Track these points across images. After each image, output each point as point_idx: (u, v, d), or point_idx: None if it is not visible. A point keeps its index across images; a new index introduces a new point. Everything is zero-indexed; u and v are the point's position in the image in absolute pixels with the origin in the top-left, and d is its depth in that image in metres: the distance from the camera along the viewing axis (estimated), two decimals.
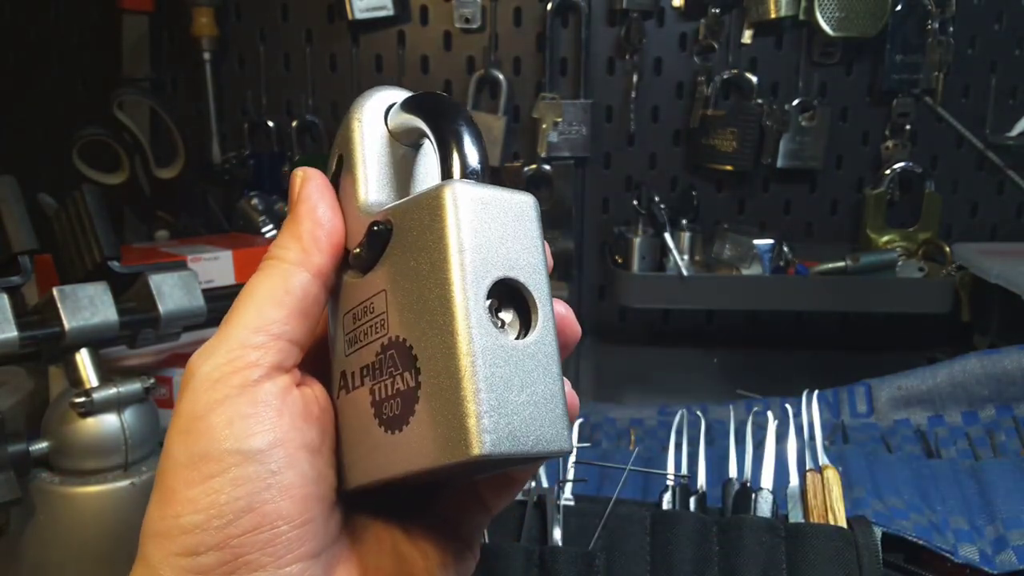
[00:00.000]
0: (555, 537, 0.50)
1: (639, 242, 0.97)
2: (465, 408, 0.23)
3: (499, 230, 0.25)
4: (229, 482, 0.23)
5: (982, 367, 0.66)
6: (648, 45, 1.00)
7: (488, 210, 0.25)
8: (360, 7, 0.99)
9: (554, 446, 0.24)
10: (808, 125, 1.00)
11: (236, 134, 1.05)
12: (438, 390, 0.23)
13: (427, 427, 0.24)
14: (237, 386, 0.25)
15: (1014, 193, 1.02)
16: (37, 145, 1.08)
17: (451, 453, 0.23)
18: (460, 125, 0.26)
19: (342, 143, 0.29)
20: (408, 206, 0.25)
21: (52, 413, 0.53)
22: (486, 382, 0.23)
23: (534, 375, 0.24)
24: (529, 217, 0.26)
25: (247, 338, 0.25)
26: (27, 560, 0.52)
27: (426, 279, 0.24)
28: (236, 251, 0.82)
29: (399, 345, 0.25)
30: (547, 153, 1.01)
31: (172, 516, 0.23)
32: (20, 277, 0.54)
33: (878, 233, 1.01)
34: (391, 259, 0.26)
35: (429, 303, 0.24)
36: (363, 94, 0.29)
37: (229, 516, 0.23)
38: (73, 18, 1.06)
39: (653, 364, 0.97)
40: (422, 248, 0.24)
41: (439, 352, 0.23)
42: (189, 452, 0.24)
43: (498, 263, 0.24)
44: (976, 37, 0.98)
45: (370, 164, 0.28)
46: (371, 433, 0.26)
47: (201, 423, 0.24)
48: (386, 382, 0.25)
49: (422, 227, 0.25)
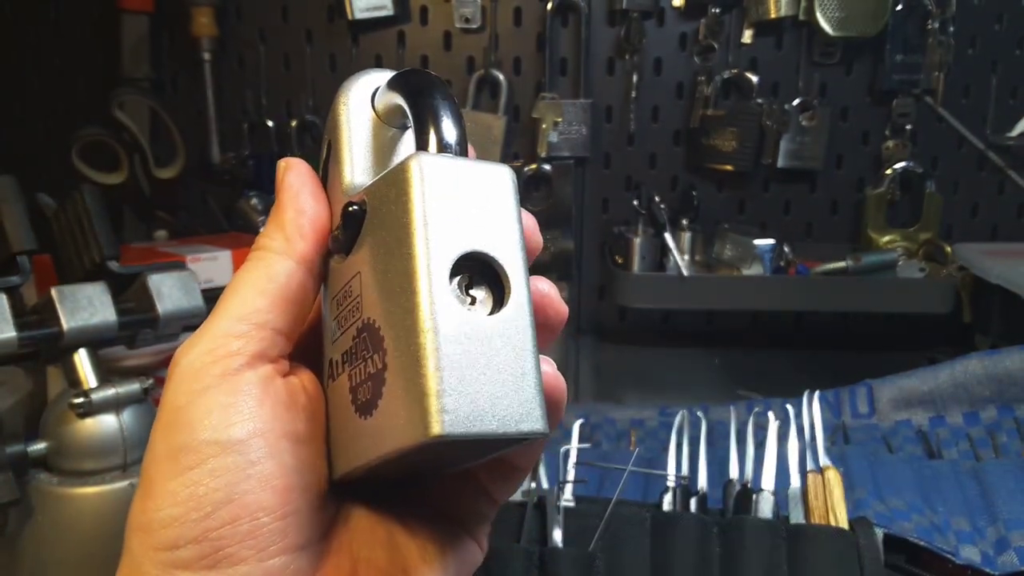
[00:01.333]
0: (555, 538, 0.50)
1: (639, 242, 0.97)
2: (425, 387, 0.21)
3: (470, 203, 0.24)
4: (207, 473, 0.23)
5: (983, 368, 0.66)
6: (648, 45, 1.00)
7: (458, 182, 0.24)
8: (360, 7, 0.99)
9: (524, 426, 0.23)
10: (808, 125, 1.00)
11: (236, 134, 1.05)
12: (401, 370, 0.22)
13: (392, 410, 0.23)
14: (217, 375, 0.24)
15: (1015, 193, 1.02)
16: (36, 145, 1.08)
17: (412, 435, 0.22)
18: (437, 100, 0.25)
19: (330, 129, 0.28)
20: (379, 182, 0.25)
21: (50, 414, 0.53)
22: (448, 359, 0.22)
23: (503, 353, 0.23)
24: (504, 189, 0.25)
25: (229, 327, 0.25)
26: (26, 561, 0.52)
27: (393, 256, 0.23)
28: (235, 251, 0.82)
29: (370, 327, 0.24)
30: (547, 153, 1.01)
31: (153, 509, 0.23)
32: (19, 277, 0.54)
33: (879, 233, 1.01)
34: (367, 240, 0.25)
35: (395, 281, 0.23)
36: (350, 77, 0.28)
37: (208, 508, 0.23)
38: (73, 18, 1.05)
39: (653, 364, 0.97)
40: (391, 225, 0.24)
41: (402, 331, 0.23)
42: (169, 444, 0.23)
43: (467, 237, 0.23)
44: (976, 37, 0.98)
45: (356, 147, 0.27)
46: (350, 420, 0.25)
47: (181, 414, 0.24)
48: (360, 366, 0.24)
49: (390, 202, 0.24)
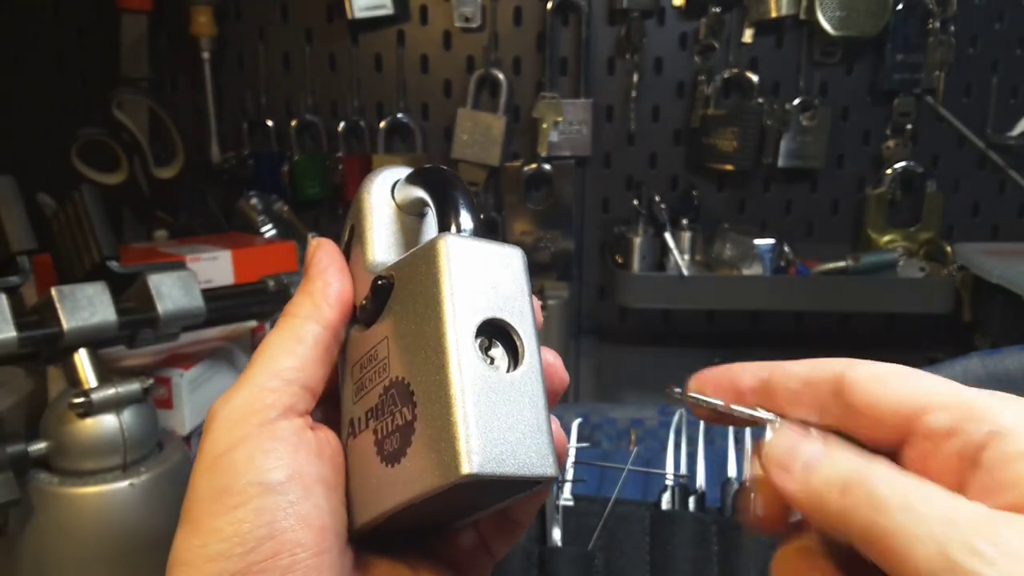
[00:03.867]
0: (554, 537, 0.50)
1: (639, 242, 0.97)
2: (454, 431, 0.24)
3: (488, 277, 0.28)
4: (251, 512, 0.25)
5: (983, 367, 0.66)
6: (648, 44, 1.00)
7: (478, 258, 0.27)
8: (360, 6, 0.99)
9: (539, 470, 0.26)
10: (809, 125, 1.00)
11: (235, 134, 1.05)
12: (431, 419, 0.25)
13: (422, 455, 0.25)
14: (255, 425, 0.27)
15: (1015, 193, 1.02)
16: (36, 145, 1.08)
17: (443, 475, 0.24)
18: (456, 193, 0.29)
19: (354, 215, 0.32)
20: (407, 259, 0.28)
21: (51, 413, 0.53)
22: (474, 407, 0.25)
23: (520, 404, 0.26)
24: (516, 266, 0.29)
25: (264, 382, 0.28)
26: (26, 560, 0.52)
27: (423, 321, 0.27)
28: (235, 251, 0.82)
29: (399, 384, 0.27)
30: (547, 153, 1.01)
31: (198, 546, 0.25)
32: (19, 277, 0.54)
33: (879, 233, 1.01)
34: (393, 310, 0.28)
35: (425, 342, 0.26)
36: (372, 172, 0.32)
37: (251, 543, 0.25)
38: (72, 18, 1.05)
39: (653, 364, 0.97)
40: (419, 295, 0.27)
41: (433, 385, 0.26)
42: (213, 487, 0.26)
43: (486, 305, 0.27)
44: (977, 36, 0.98)
45: (377, 231, 0.31)
46: (374, 470, 0.27)
47: (223, 459, 0.26)
48: (387, 420, 0.27)
49: (419, 276, 0.27)
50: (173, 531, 0.26)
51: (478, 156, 1.02)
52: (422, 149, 1.04)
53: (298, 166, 1.04)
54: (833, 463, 0.25)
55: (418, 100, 1.04)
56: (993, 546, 0.20)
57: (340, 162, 1.04)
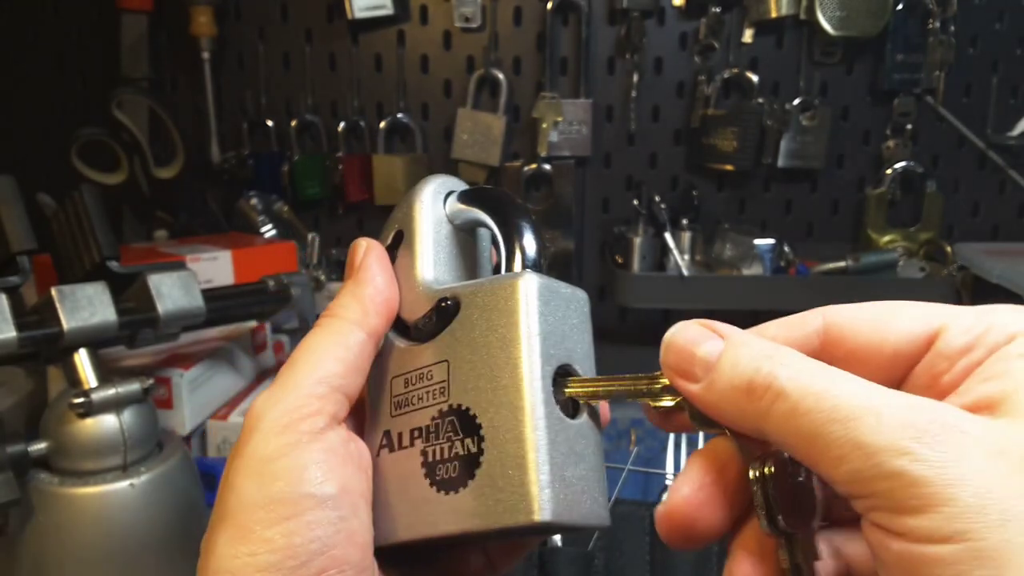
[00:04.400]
0: (554, 537, 0.50)
1: (639, 242, 0.97)
2: (530, 476, 0.25)
3: (560, 320, 0.28)
4: (305, 525, 0.25)
5: None
6: (648, 44, 1.00)
7: (553, 301, 0.28)
8: (360, 6, 0.99)
9: (595, 520, 0.27)
10: (809, 124, 1.00)
11: (235, 134, 1.05)
12: (503, 459, 0.26)
13: (488, 491, 0.26)
14: (306, 432, 0.26)
15: (1015, 193, 1.02)
16: (36, 145, 1.08)
17: (514, 516, 0.25)
18: (524, 223, 0.29)
19: (402, 220, 0.32)
20: (480, 289, 0.28)
21: (51, 414, 0.53)
22: (548, 455, 0.25)
23: (584, 452, 0.27)
24: (584, 311, 0.29)
25: (311, 388, 0.27)
26: (26, 561, 0.52)
27: (495, 357, 0.27)
28: (235, 251, 0.82)
29: (461, 413, 0.27)
30: (547, 153, 1.01)
31: (247, 554, 0.24)
32: (19, 277, 0.54)
33: (879, 233, 1.01)
34: (455, 333, 0.28)
35: (497, 379, 0.27)
36: (426, 179, 0.32)
37: (304, 558, 0.24)
38: (72, 17, 1.05)
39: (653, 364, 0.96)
40: (492, 329, 0.27)
41: (506, 425, 0.26)
42: (264, 494, 0.25)
43: (561, 351, 0.28)
44: (977, 36, 0.98)
45: (427, 243, 0.31)
46: (420, 492, 0.28)
47: (275, 466, 0.25)
48: (442, 445, 0.27)
49: (494, 310, 0.28)
50: (173, 531, 0.26)
51: (478, 156, 1.02)
52: (422, 149, 1.04)
53: (298, 166, 1.04)
54: (734, 362, 0.23)
55: (418, 100, 1.04)
56: (916, 441, 0.19)
57: (340, 162, 1.04)
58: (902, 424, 0.20)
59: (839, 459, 0.20)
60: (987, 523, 0.18)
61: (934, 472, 0.19)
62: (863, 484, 0.20)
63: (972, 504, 0.19)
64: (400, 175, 1.03)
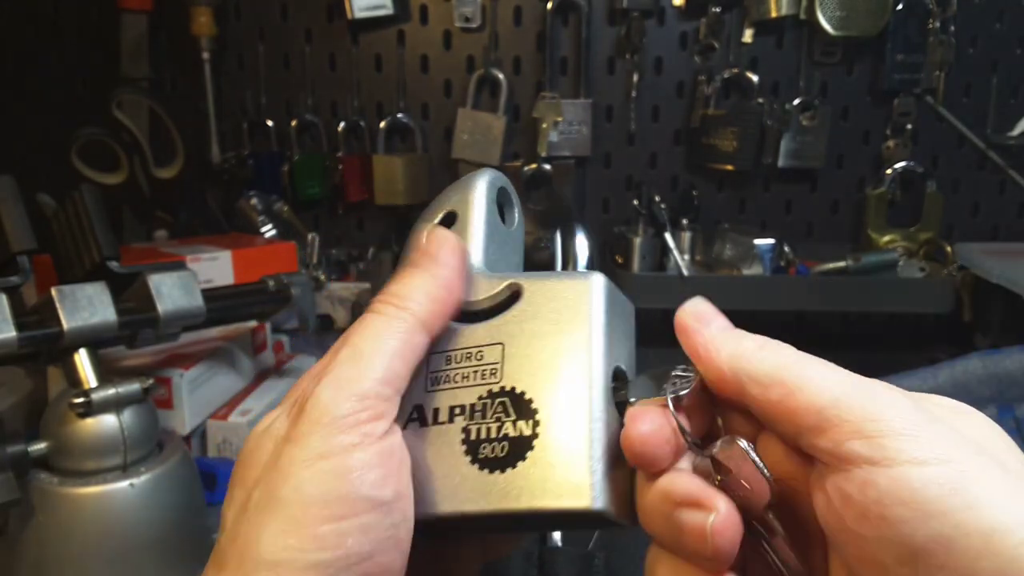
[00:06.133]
0: (554, 537, 0.50)
1: (639, 242, 0.97)
2: (586, 465, 0.26)
3: (619, 324, 0.30)
4: (359, 527, 0.24)
5: (984, 367, 0.66)
6: (648, 44, 1.00)
7: (614, 305, 0.30)
8: (360, 6, 0.99)
9: (625, 518, 0.27)
10: (809, 124, 1.00)
11: (235, 134, 1.05)
12: (558, 445, 0.27)
13: (538, 474, 0.27)
14: (371, 435, 0.26)
15: (1015, 193, 1.02)
16: (36, 145, 1.08)
17: (567, 500, 0.26)
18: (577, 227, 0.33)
19: (458, 203, 0.33)
20: (548, 281, 0.30)
21: (51, 414, 0.53)
22: (603, 449, 0.27)
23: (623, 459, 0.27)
24: (632, 320, 0.31)
25: (379, 388, 0.26)
26: (26, 561, 0.52)
27: (559, 349, 0.28)
28: (235, 251, 0.82)
29: (515, 396, 0.28)
30: (547, 153, 1.01)
31: (296, 548, 0.24)
32: (19, 277, 0.54)
33: (879, 233, 1.01)
34: (515, 319, 0.29)
35: (559, 369, 0.28)
36: (483, 170, 0.34)
37: (353, 560, 0.24)
38: (72, 17, 1.05)
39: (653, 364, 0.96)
40: (557, 321, 0.29)
41: (567, 414, 0.27)
42: (323, 489, 0.24)
43: (618, 352, 0.29)
44: (977, 36, 0.98)
45: (483, 231, 0.32)
46: (460, 469, 0.28)
47: (337, 462, 0.25)
48: (490, 425, 0.28)
49: (561, 303, 0.29)
50: (173, 531, 0.26)
51: (478, 156, 1.02)
52: (422, 149, 1.04)
53: (298, 166, 1.04)
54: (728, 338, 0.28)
55: (418, 100, 1.04)
56: None
57: (340, 162, 1.04)
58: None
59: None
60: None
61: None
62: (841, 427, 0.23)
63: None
64: (400, 175, 1.03)
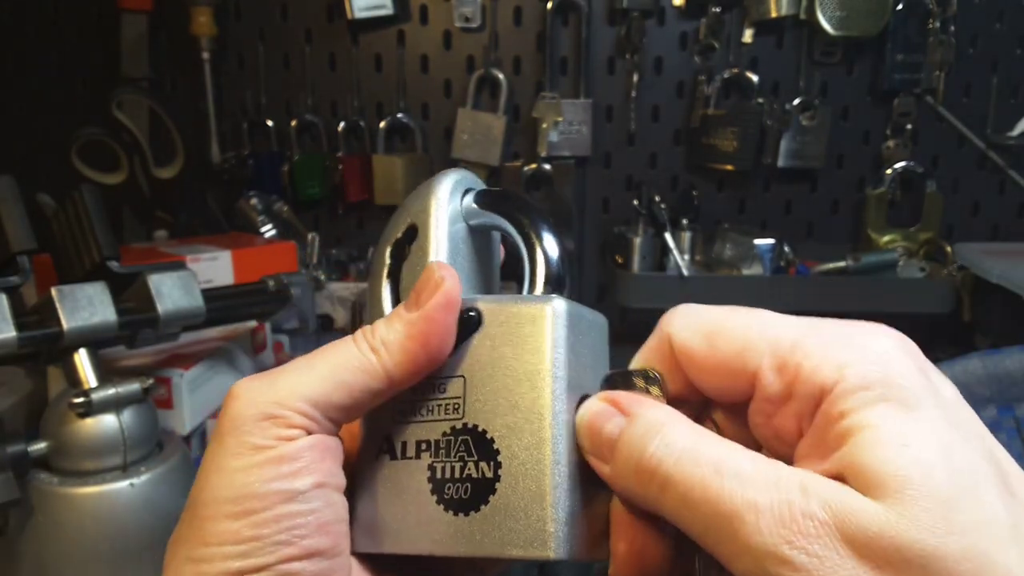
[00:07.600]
0: None
1: (639, 242, 0.97)
2: (548, 513, 0.25)
3: (585, 349, 0.28)
4: (272, 518, 0.25)
5: (983, 367, 0.66)
6: (648, 44, 1.00)
7: (579, 329, 0.27)
8: (360, 6, 0.99)
9: (596, 556, 0.27)
10: (809, 124, 1.00)
11: (235, 134, 1.05)
12: (520, 491, 0.26)
13: (501, 520, 0.26)
14: (280, 438, 0.26)
15: (1015, 193, 1.02)
16: (36, 145, 1.08)
17: (528, 550, 0.25)
18: (545, 231, 0.29)
19: (418, 216, 0.30)
20: (506, 307, 0.27)
21: (51, 413, 0.53)
22: (568, 492, 0.25)
23: (592, 489, 0.26)
24: (604, 337, 0.29)
25: (302, 407, 0.26)
26: (26, 560, 0.52)
27: (519, 384, 0.26)
28: (235, 251, 0.82)
29: (477, 435, 0.27)
30: (547, 153, 1.01)
31: (216, 544, 0.25)
32: (19, 277, 0.54)
33: (879, 233, 1.01)
34: (475, 350, 0.27)
35: (518, 406, 0.26)
36: (443, 173, 0.31)
37: (270, 548, 0.25)
38: (72, 17, 1.05)
39: None
40: (517, 353, 0.27)
41: (527, 455, 0.26)
42: (234, 487, 0.25)
43: (584, 380, 0.27)
44: (977, 36, 0.98)
45: (443, 245, 0.29)
46: (425, 508, 0.27)
47: (243, 460, 0.25)
48: (454, 464, 0.27)
49: (519, 333, 0.27)
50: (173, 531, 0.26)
51: (478, 156, 1.02)
52: (422, 149, 1.04)
53: (298, 166, 1.04)
54: (628, 442, 0.24)
55: (418, 100, 1.04)
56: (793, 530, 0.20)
57: (340, 162, 1.04)
58: (779, 521, 0.20)
59: (734, 555, 0.21)
60: None
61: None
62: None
63: None
64: (400, 175, 1.03)
